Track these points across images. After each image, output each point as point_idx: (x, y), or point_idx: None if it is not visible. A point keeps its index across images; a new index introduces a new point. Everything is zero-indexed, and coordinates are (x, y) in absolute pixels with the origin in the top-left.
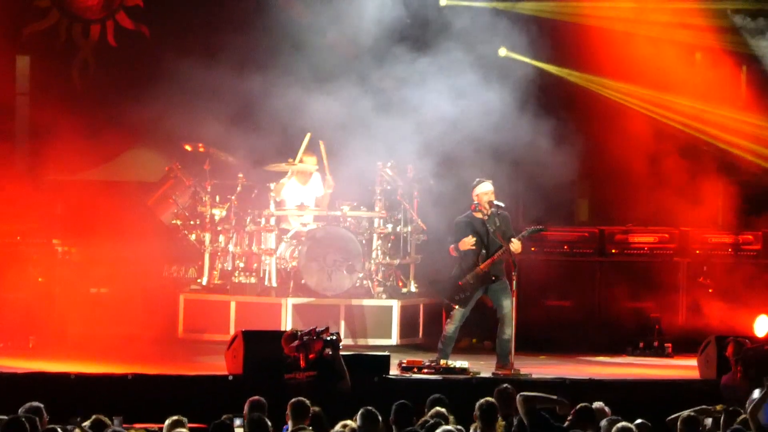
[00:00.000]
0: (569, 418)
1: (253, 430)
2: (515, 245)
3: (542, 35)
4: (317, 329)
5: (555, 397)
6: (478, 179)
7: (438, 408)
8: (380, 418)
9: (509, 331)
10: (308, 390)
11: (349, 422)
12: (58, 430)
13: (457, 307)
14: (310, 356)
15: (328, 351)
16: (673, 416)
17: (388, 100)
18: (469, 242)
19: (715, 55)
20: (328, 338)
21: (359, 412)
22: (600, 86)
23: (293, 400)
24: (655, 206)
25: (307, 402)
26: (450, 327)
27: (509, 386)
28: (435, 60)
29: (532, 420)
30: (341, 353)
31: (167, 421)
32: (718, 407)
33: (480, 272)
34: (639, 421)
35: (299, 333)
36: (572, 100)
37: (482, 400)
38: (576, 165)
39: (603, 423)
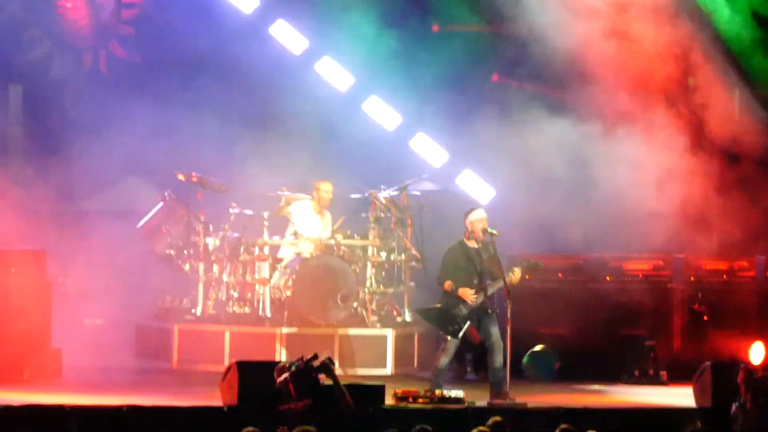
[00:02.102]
0: None
1: None
2: (516, 276)
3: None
4: (306, 358)
5: None
6: (470, 206)
7: None
8: None
9: (500, 359)
10: (306, 418)
11: None
12: None
13: (449, 338)
14: (301, 385)
15: (323, 376)
16: None
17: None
18: (470, 294)
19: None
20: (319, 365)
21: None
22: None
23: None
24: (649, 233)
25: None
26: (444, 360)
27: (501, 419)
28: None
29: None
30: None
31: None
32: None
33: (477, 302)
34: None
35: (288, 364)
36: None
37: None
38: (569, 191)
39: None
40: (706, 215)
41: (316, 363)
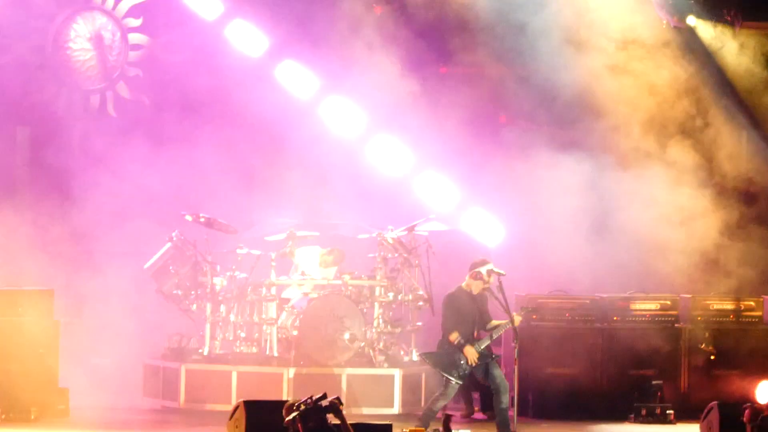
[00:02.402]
0: None
1: None
2: (517, 322)
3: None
4: (314, 397)
5: None
6: (481, 258)
7: None
8: None
9: (506, 400)
10: None
11: None
12: None
13: (453, 381)
14: (310, 424)
15: (331, 416)
16: None
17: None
18: (472, 356)
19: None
20: (328, 404)
21: None
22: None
23: None
24: (657, 273)
25: None
26: (441, 402)
27: None
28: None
29: None
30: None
31: None
32: None
33: (480, 350)
34: None
35: (297, 403)
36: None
37: None
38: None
39: None
40: (718, 255)
41: (324, 402)
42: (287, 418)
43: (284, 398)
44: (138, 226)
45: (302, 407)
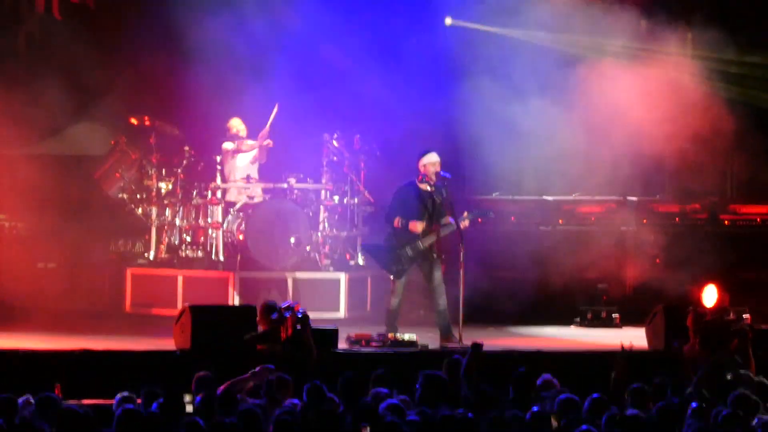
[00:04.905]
0: None
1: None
2: (466, 222)
3: None
4: (290, 304)
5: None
6: (425, 149)
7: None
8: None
9: (443, 302)
10: (281, 361)
11: None
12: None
13: (392, 278)
14: (289, 330)
15: (298, 326)
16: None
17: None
18: (419, 227)
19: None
20: (301, 315)
21: (305, 388)
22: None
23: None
24: (603, 176)
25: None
26: (394, 300)
27: (460, 357)
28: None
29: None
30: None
31: (117, 397)
32: None
33: (423, 247)
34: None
35: (278, 306)
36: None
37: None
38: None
39: (547, 394)
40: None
41: (297, 310)
42: (269, 317)
43: (230, 303)
44: (83, 129)
45: (284, 312)
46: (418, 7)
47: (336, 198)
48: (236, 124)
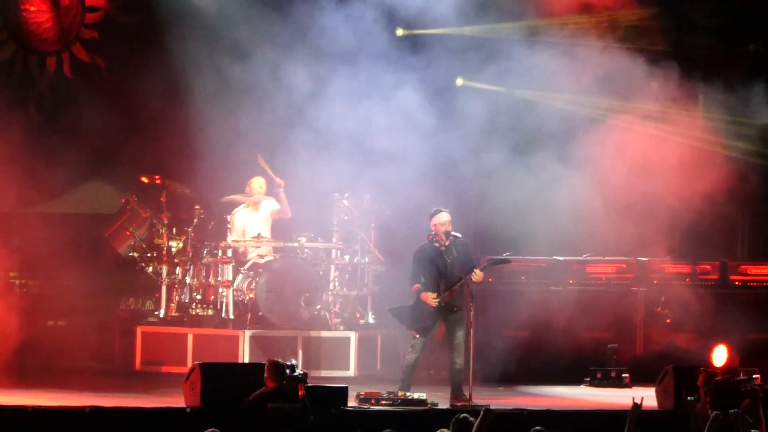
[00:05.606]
0: None
1: None
2: (477, 276)
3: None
4: (293, 363)
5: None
6: (435, 209)
7: None
8: None
9: (460, 361)
10: (290, 421)
11: None
12: None
13: (417, 336)
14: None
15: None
16: None
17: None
18: (431, 298)
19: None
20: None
21: None
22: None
23: None
24: (612, 236)
25: None
26: (411, 356)
27: (468, 416)
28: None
29: None
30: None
31: None
32: None
33: (441, 303)
34: None
35: (285, 364)
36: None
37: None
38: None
39: None
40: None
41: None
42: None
43: (240, 361)
44: (94, 188)
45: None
46: (428, 70)
47: (346, 257)
48: (256, 184)
